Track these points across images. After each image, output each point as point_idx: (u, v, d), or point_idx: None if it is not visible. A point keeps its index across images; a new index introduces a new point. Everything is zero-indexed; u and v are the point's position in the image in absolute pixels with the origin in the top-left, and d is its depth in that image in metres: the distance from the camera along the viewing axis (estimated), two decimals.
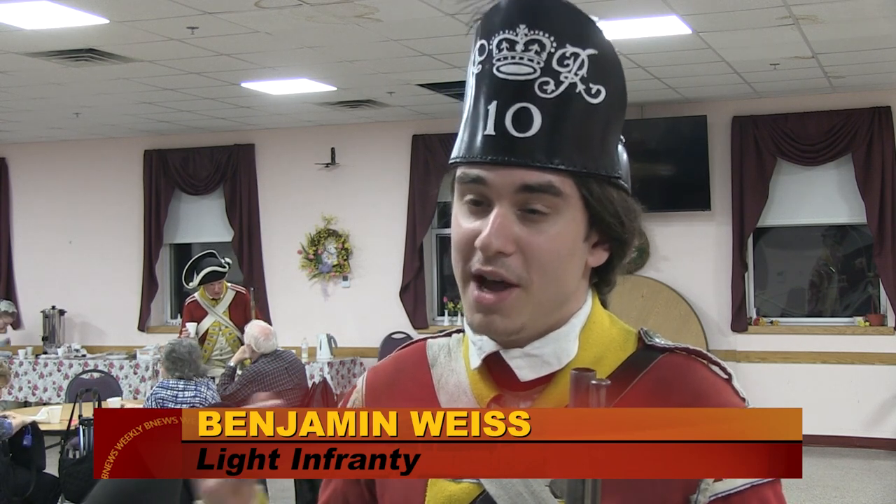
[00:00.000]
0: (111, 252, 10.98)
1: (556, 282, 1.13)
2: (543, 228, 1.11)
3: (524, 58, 1.10)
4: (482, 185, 1.12)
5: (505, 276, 1.11)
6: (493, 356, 1.18)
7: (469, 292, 1.14)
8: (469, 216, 1.14)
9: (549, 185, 1.10)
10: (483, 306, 1.12)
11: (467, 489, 1.14)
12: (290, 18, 6.06)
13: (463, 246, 1.14)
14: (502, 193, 1.11)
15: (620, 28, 6.40)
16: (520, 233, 1.11)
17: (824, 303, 9.44)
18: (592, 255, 1.17)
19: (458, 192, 1.15)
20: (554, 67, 1.10)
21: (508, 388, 1.17)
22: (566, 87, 1.10)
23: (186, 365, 5.81)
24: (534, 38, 1.10)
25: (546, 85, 1.10)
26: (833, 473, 7.87)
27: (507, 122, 1.10)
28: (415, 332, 9.75)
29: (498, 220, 1.10)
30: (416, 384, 1.25)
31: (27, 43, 6.60)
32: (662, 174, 9.12)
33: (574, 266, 1.15)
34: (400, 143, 10.03)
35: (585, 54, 1.10)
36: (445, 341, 1.28)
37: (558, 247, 1.12)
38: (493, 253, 1.11)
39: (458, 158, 1.15)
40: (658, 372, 1.15)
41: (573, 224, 1.12)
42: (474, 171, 1.12)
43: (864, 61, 7.57)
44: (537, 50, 1.10)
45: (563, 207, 1.11)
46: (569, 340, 1.16)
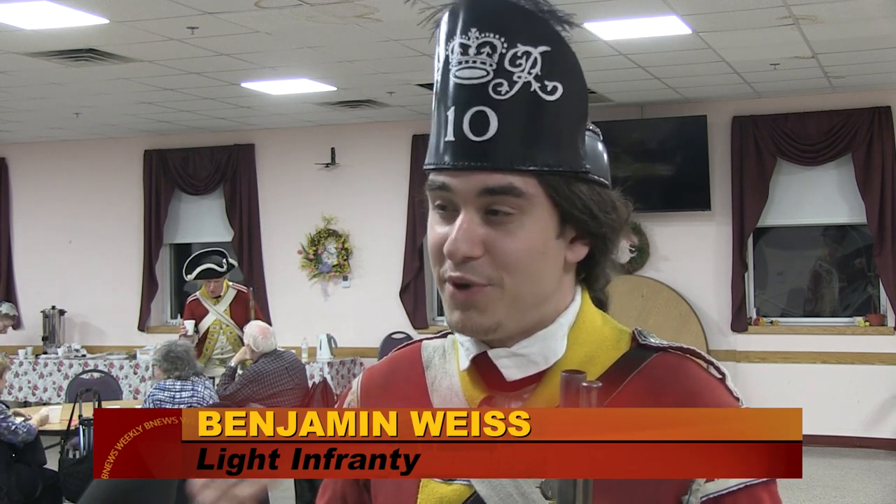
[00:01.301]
0: (111, 252, 10.98)
1: (531, 280, 1.13)
2: (510, 229, 1.11)
3: (476, 61, 1.10)
4: (447, 191, 1.13)
5: (474, 280, 1.12)
6: (481, 357, 1.18)
7: (445, 292, 1.15)
8: (440, 222, 1.15)
9: (510, 187, 1.10)
10: (459, 303, 1.13)
11: (458, 490, 1.14)
12: (290, 18, 6.06)
13: (435, 252, 1.15)
14: (466, 198, 1.11)
15: (620, 28, 6.41)
16: (486, 235, 1.11)
17: (824, 303, 9.44)
18: (571, 251, 1.17)
19: (430, 198, 1.16)
20: (506, 68, 1.10)
21: (498, 389, 1.17)
22: (520, 86, 1.10)
23: (184, 364, 5.79)
24: (485, 40, 1.10)
25: (500, 86, 1.10)
26: (833, 473, 7.87)
27: (464, 127, 1.10)
28: (415, 332, 9.76)
29: (464, 226, 1.11)
30: (410, 385, 1.25)
31: (27, 43, 6.60)
32: (662, 174, 9.12)
33: (549, 264, 1.14)
34: (400, 143, 10.03)
35: (538, 52, 1.10)
36: (440, 343, 1.29)
37: (527, 246, 1.12)
38: (460, 259, 1.11)
39: (427, 165, 1.16)
40: (651, 371, 1.15)
41: (541, 222, 1.12)
42: (440, 177, 1.13)
43: (864, 61, 7.58)
44: (489, 52, 1.10)
45: (529, 207, 1.11)
46: (556, 339, 1.16)
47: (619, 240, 1.20)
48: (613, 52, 7.04)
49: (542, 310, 1.16)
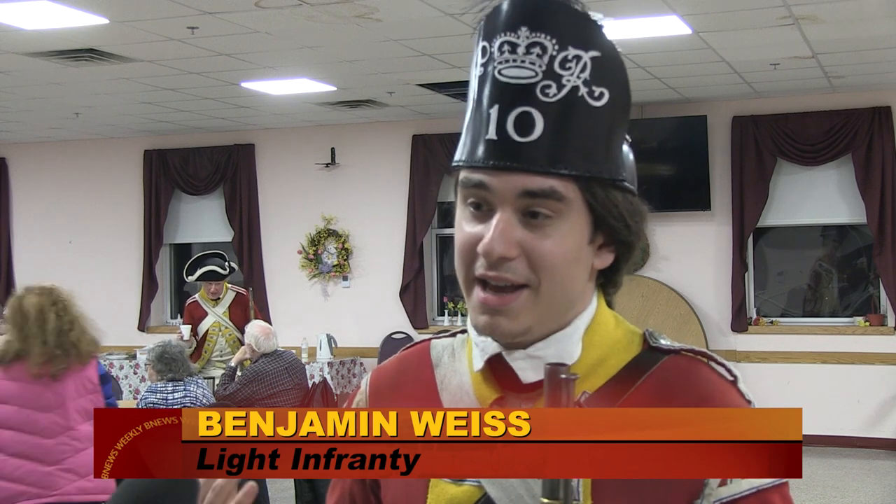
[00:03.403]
0: (111, 252, 10.99)
1: (563, 285, 1.13)
2: (548, 233, 1.11)
3: (525, 61, 1.09)
4: (484, 189, 1.11)
5: (511, 279, 1.11)
6: (496, 358, 1.17)
7: (474, 294, 1.13)
8: (472, 220, 1.14)
9: (551, 191, 1.09)
10: (488, 307, 1.12)
11: (469, 491, 1.14)
12: (290, 18, 6.07)
13: (466, 250, 1.14)
14: (505, 198, 1.10)
15: (620, 28, 6.40)
16: (523, 237, 1.10)
17: (824, 303, 9.44)
18: (598, 258, 1.17)
19: (461, 196, 1.15)
20: (556, 70, 1.09)
21: (511, 390, 1.16)
22: (568, 90, 1.09)
23: (178, 366, 5.77)
24: (535, 40, 1.09)
25: (548, 88, 1.09)
26: (833, 473, 7.87)
27: (508, 127, 1.09)
28: (415, 332, 9.76)
29: (500, 226, 1.10)
30: (419, 385, 1.25)
31: (27, 43, 6.60)
32: (662, 174, 9.13)
33: (580, 269, 1.14)
34: (400, 143, 10.03)
35: (588, 56, 1.09)
36: (449, 342, 1.28)
37: (563, 251, 1.11)
38: (495, 258, 1.10)
39: (461, 162, 1.14)
40: (662, 373, 1.14)
41: (577, 228, 1.12)
42: (476, 175, 1.12)
43: (864, 61, 7.58)
44: (539, 53, 1.09)
45: (567, 212, 1.11)
46: (572, 342, 1.16)
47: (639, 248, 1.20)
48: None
49: (567, 315, 1.16)
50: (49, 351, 3.91)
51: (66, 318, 3.96)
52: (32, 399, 3.92)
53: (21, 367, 3.92)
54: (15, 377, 3.92)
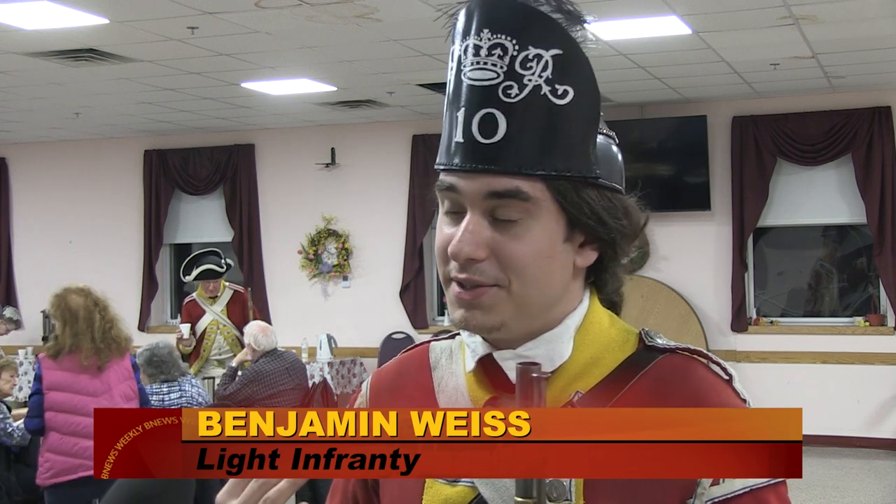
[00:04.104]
0: (111, 252, 10.98)
1: (538, 284, 1.12)
2: (517, 233, 1.11)
3: (487, 63, 1.09)
4: (455, 192, 1.12)
5: (480, 280, 1.12)
6: (487, 358, 1.18)
7: (450, 291, 1.15)
8: (448, 223, 1.15)
9: (516, 191, 1.09)
10: (463, 302, 1.13)
11: (463, 492, 1.14)
12: (290, 18, 6.07)
13: (441, 252, 1.15)
14: (473, 200, 1.11)
15: (620, 28, 6.41)
16: (492, 239, 1.11)
17: (824, 303, 9.44)
18: (580, 256, 1.16)
19: (439, 198, 1.16)
20: (517, 71, 1.09)
21: (503, 391, 1.16)
22: (530, 89, 1.09)
23: (169, 366, 5.76)
24: (496, 41, 1.09)
25: (510, 89, 1.09)
26: (833, 473, 7.87)
27: (473, 129, 1.10)
28: (415, 332, 9.76)
29: (469, 227, 1.11)
30: (418, 387, 1.25)
31: (27, 43, 6.60)
32: (662, 174, 9.13)
33: (556, 268, 1.14)
34: (400, 143, 10.03)
35: (549, 55, 1.09)
36: (448, 344, 1.28)
37: (533, 251, 1.11)
38: (463, 260, 1.11)
39: (438, 165, 1.16)
40: (657, 372, 1.14)
41: (549, 227, 1.12)
42: (448, 178, 1.13)
43: (864, 61, 7.58)
44: (500, 54, 1.09)
45: (536, 211, 1.11)
46: (562, 342, 1.16)
47: (630, 245, 1.19)
48: (613, 52, 7.03)
49: (550, 313, 1.15)
50: (96, 346, 4.71)
51: (107, 318, 4.84)
52: (84, 386, 4.68)
53: (72, 359, 4.68)
54: (68, 368, 4.68)
